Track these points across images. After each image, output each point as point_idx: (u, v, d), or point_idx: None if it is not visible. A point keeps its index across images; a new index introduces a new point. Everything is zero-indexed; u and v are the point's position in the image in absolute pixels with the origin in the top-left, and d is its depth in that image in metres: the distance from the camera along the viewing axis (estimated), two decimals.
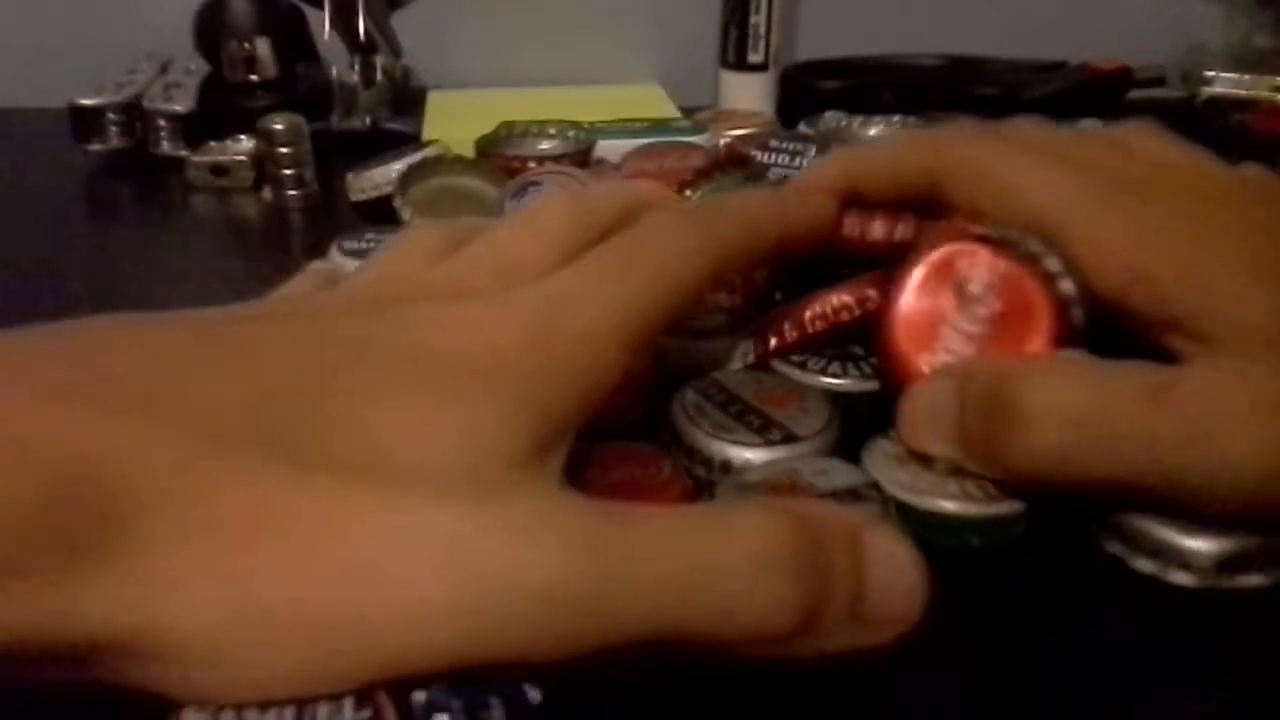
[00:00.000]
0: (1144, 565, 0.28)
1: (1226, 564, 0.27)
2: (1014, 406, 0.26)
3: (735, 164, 0.51)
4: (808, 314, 0.35)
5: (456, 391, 0.21)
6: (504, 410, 0.21)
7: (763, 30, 0.77)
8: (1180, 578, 0.27)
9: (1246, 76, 0.75)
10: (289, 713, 0.19)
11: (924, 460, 0.29)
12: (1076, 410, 0.26)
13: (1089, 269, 0.29)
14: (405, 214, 0.53)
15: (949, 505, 0.28)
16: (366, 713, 0.19)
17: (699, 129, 0.65)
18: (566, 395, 0.23)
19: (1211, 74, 0.75)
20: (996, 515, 0.28)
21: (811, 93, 0.77)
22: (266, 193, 0.63)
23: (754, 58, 0.77)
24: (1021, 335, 0.29)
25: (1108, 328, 0.30)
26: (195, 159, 0.65)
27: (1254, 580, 0.27)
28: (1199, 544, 0.27)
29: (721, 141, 0.64)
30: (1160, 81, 0.78)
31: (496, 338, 0.22)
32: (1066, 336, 0.29)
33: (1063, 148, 0.32)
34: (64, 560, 0.17)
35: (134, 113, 0.67)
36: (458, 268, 0.26)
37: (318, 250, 0.48)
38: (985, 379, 0.28)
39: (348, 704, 0.19)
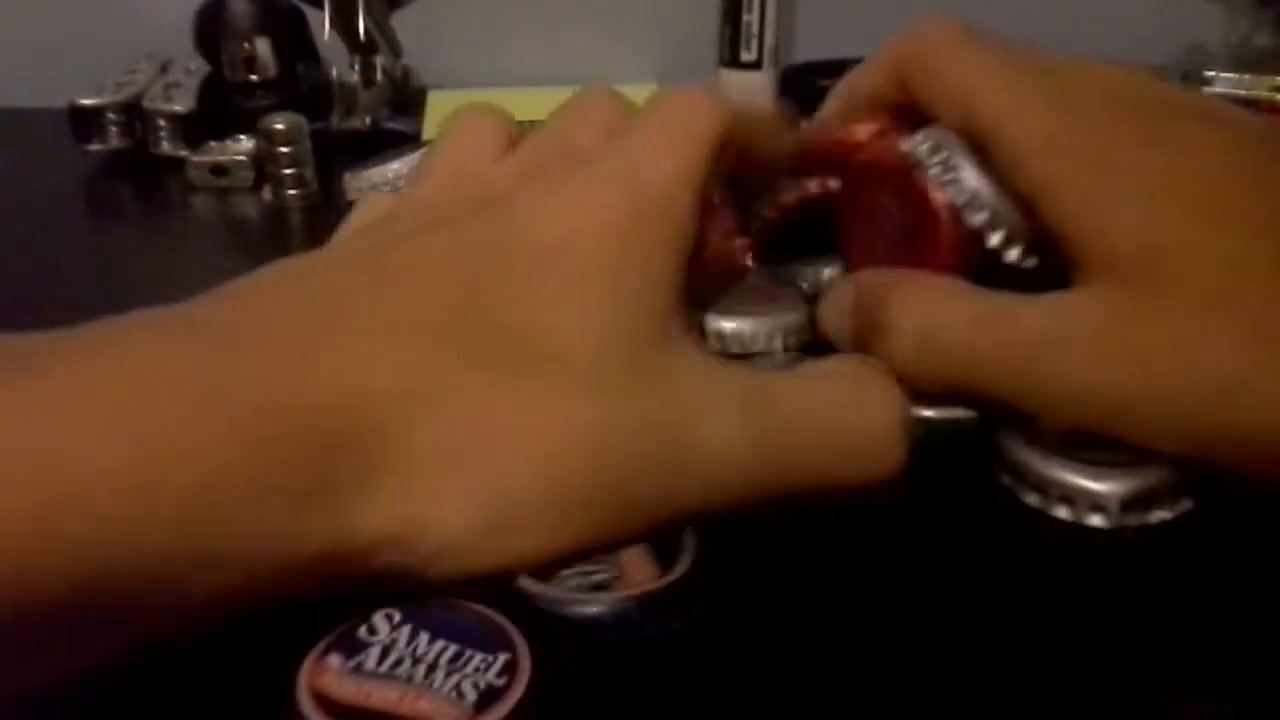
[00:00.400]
0: (1061, 512, 0.29)
1: (1132, 503, 0.29)
2: (881, 318, 0.29)
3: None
4: (781, 196, 0.39)
5: (597, 280, 0.23)
6: (640, 290, 0.24)
7: (755, 28, 0.77)
8: (1095, 520, 0.29)
9: (1246, 76, 0.75)
10: (452, 648, 0.24)
11: None
12: (920, 328, 0.28)
13: (1009, 173, 0.29)
14: None
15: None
16: (506, 655, 0.24)
17: None
18: (672, 260, 0.25)
19: (1211, 74, 0.75)
20: (955, 418, 0.30)
21: (811, 92, 0.77)
22: (266, 193, 0.63)
23: (747, 55, 0.78)
24: (919, 252, 0.32)
25: None
26: (195, 159, 0.65)
27: (1160, 515, 0.29)
28: (1104, 486, 0.29)
29: None
30: None
31: (606, 219, 0.24)
32: (960, 262, 0.31)
33: (1026, 56, 0.32)
34: (350, 478, 0.20)
35: (134, 113, 0.67)
36: (529, 160, 0.27)
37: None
38: (869, 289, 0.30)
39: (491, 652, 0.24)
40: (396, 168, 0.57)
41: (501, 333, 0.22)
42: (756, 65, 0.78)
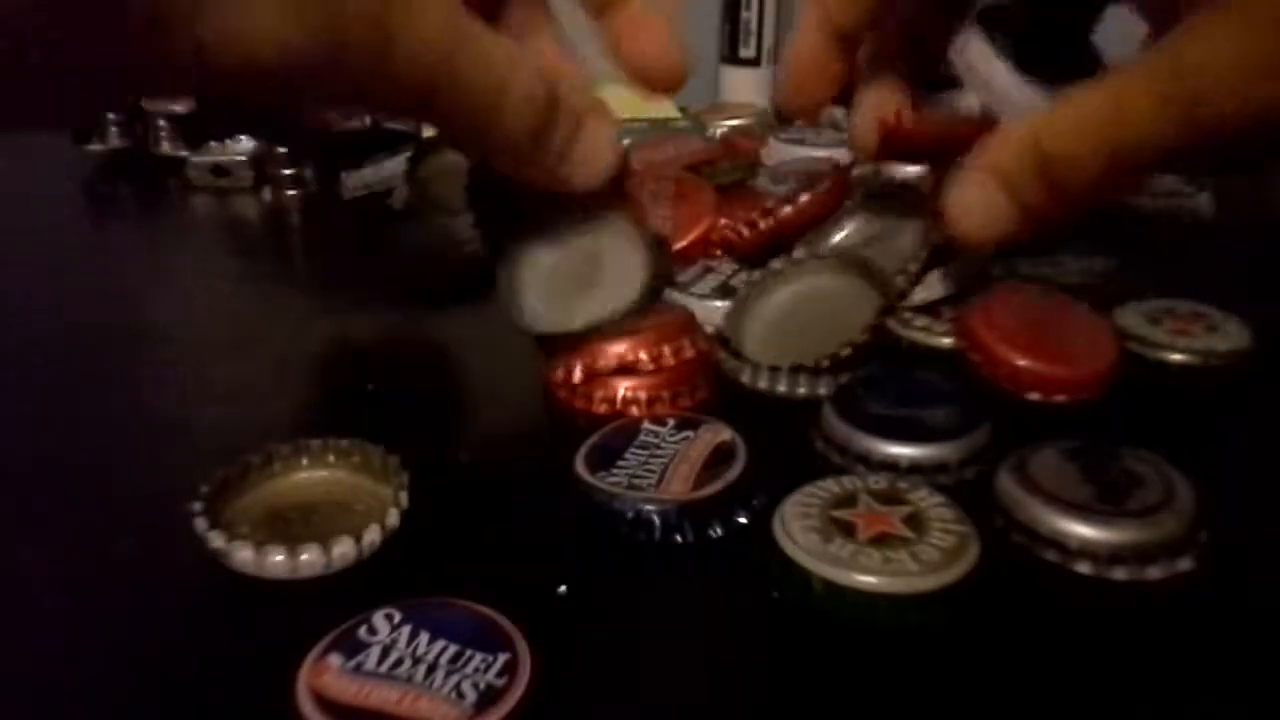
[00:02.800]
0: (1050, 555, 0.29)
1: (1120, 556, 0.29)
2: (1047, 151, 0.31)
3: (732, 155, 0.53)
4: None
5: None
6: None
7: (754, 26, 0.77)
8: (1083, 568, 0.29)
9: None
10: (452, 648, 0.25)
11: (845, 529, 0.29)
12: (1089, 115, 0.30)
13: None
14: (416, 193, 0.54)
15: (870, 579, 0.27)
16: (506, 655, 0.25)
17: (698, 126, 0.66)
18: None
19: None
20: (926, 591, 0.27)
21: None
22: (266, 193, 0.63)
23: (745, 53, 0.78)
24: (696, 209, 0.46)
25: None
26: (195, 159, 0.65)
27: (1152, 573, 0.29)
28: (1096, 534, 0.29)
29: (717, 133, 0.65)
30: None
31: None
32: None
33: None
34: None
35: (134, 113, 0.67)
36: None
37: (317, 250, 0.48)
38: (1015, 149, 0.31)
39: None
40: (390, 166, 0.57)
41: None
42: (755, 62, 0.78)
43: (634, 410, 0.36)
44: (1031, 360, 0.37)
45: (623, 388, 0.37)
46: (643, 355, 0.37)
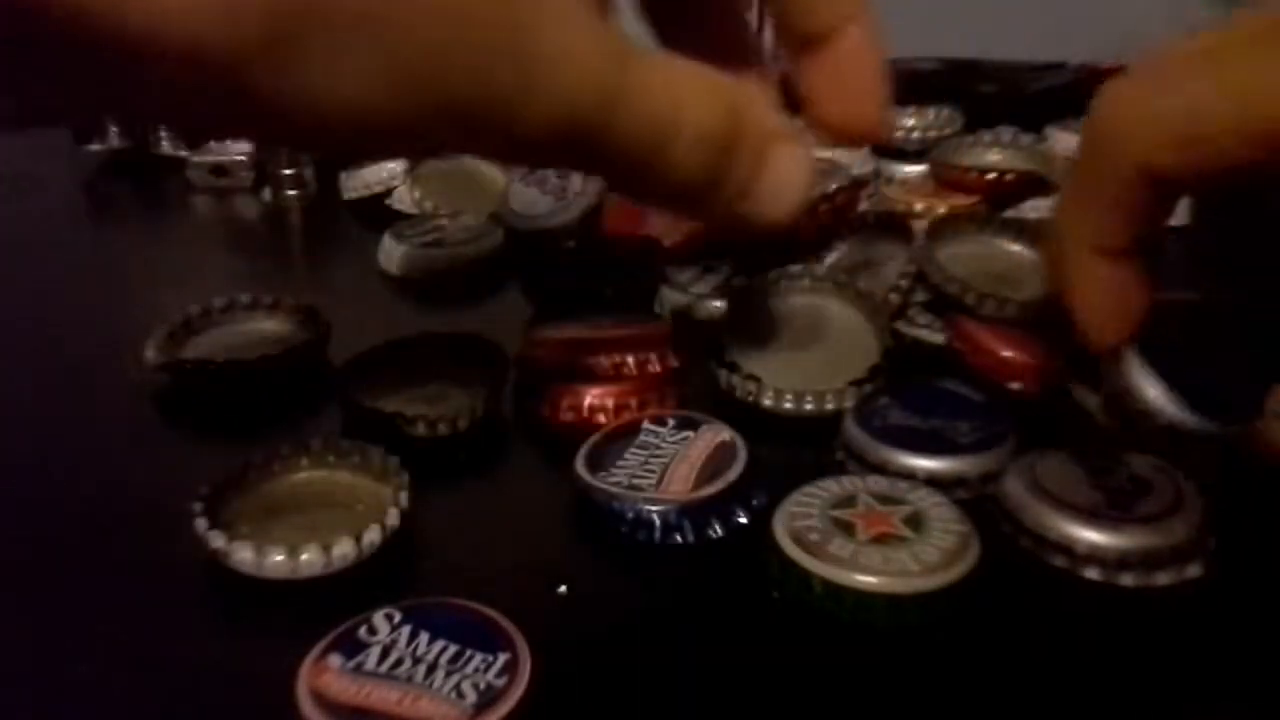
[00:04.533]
0: (1058, 560, 0.29)
1: (1128, 562, 0.28)
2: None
3: None
4: None
5: None
6: None
7: (754, 26, 0.78)
8: (1091, 573, 0.29)
9: None
10: (452, 648, 0.25)
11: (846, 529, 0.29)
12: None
13: None
14: (416, 193, 0.54)
15: (870, 579, 0.27)
16: (506, 655, 0.25)
17: None
18: None
19: None
20: (925, 590, 0.27)
21: None
22: (266, 193, 0.63)
23: None
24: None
25: None
26: (195, 159, 0.65)
27: (1160, 579, 0.29)
28: (1104, 540, 0.29)
29: None
30: None
31: None
32: None
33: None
34: None
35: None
36: None
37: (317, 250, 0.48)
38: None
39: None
40: (390, 167, 0.57)
41: None
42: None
43: (601, 419, 0.36)
44: (1014, 351, 0.37)
45: (589, 396, 0.36)
46: (610, 364, 0.37)
